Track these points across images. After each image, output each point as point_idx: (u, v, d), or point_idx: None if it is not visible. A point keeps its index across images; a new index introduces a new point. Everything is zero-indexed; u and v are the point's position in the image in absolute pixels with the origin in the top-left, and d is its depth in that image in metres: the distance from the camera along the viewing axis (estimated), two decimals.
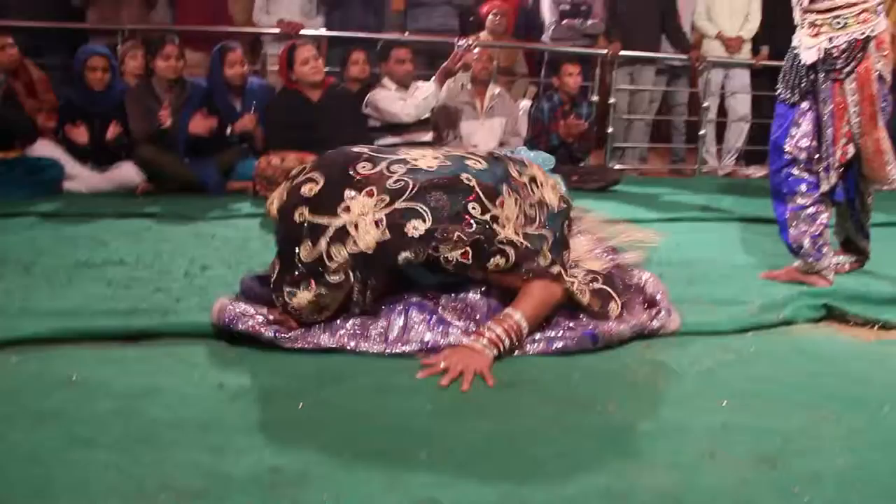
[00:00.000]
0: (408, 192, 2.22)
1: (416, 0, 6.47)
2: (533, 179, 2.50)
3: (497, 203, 2.28)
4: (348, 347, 2.27)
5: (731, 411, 2.02)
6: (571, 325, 2.42)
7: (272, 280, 2.31)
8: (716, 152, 7.34)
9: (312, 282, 2.20)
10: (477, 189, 2.27)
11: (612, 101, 6.75)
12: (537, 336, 2.35)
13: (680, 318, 2.63)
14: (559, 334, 2.37)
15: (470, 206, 2.24)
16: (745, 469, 1.72)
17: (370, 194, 2.20)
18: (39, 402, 1.94)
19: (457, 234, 2.21)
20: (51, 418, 1.85)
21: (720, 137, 7.41)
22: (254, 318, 2.31)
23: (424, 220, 2.20)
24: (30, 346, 2.29)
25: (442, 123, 5.61)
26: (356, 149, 2.40)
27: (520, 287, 2.34)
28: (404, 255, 2.21)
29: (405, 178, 2.24)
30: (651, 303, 2.70)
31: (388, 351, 2.26)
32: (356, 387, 2.06)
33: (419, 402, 1.98)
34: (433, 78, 5.23)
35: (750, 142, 7.31)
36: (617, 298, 2.52)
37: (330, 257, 2.17)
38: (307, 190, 2.24)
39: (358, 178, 2.24)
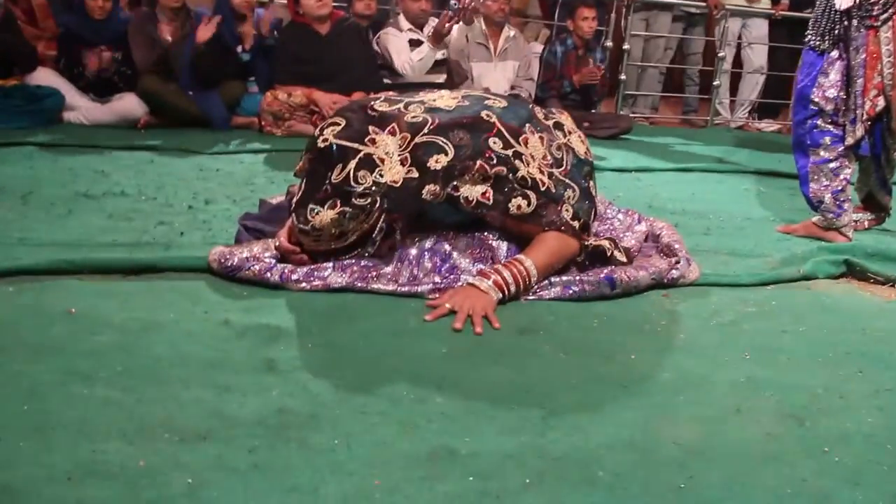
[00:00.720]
0: (427, 127, 2.19)
1: None
2: (559, 125, 2.46)
3: (520, 140, 2.25)
4: (357, 286, 2.19)
5: (755, 365, 1.95)
6: (587, 271, 2.35)
7: (294, 200, 2.26)
8: (729, 104, 7.19)
9: (338, 201, 2.15)
10: (498, 125, 2.24)
11: (626, 47, 6.59)
12: (553, 279, 2.27)
13: (699, 269, 2.55)
14: (575, 278, 2.29)
15: (491, 140, 2.21)
16: (772, 425, 1.66)
17: (392, 132, 2.19)
18: (38, 335, 1.87)
19: (479, 163, 2.17)
20: (49, 352, 1.78)
21: (734, 89, 7.25)
22: (258, 260, 2.23)
23: (446, 154, 2.17)
24: (27, 278, 2.20)
25: (454, 69, 5.48)
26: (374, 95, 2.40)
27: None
28: (428, 188, 2.18)
29: (424, 115, 2.23)
30: (667, 252, 2.64)
31: (399, 290, 2.18)
32: (368, 328, 1.99)
33: (433, 346, 1.90)
34: (426, 39, 5.08)
35: (764, 94, 7.17)
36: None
37: (357, 180, 2.14)
38: (332, 130, 2.22)
39: (376, 115, 2.23)
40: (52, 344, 1.83)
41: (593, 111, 6.05)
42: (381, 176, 2.14)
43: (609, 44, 6.53)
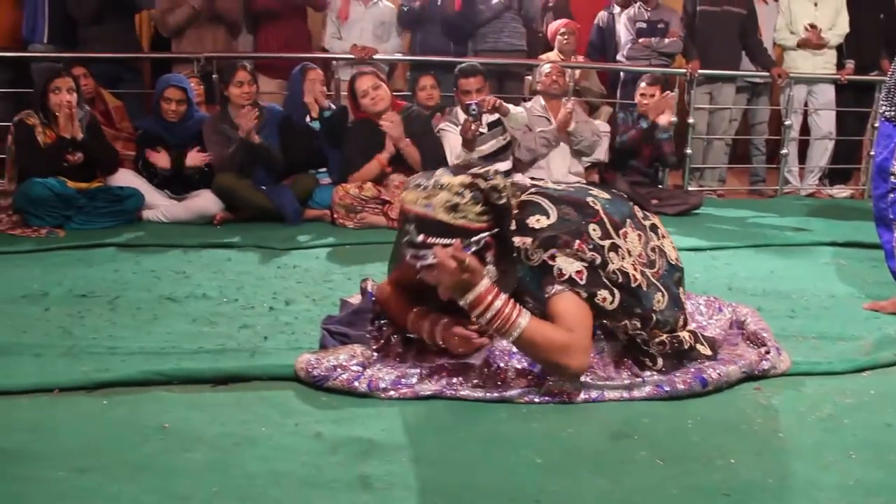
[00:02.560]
0: (533, 189, 2.26)
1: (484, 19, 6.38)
2: (654, 227, 2.45)
3: (620, 233, 2.25)
4: (446, 393, 2.17)
5: (863, 466, 1.87)
6: (677, 368, 2.31)
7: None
8: (798, 172, 7.09)
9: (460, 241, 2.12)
10: (602, 213, 2.24)
11: (690, 121, 6.57)
12: (646, 378, 2.23)
13: (790, 358, 2.48)
14: (666, 378, 2.24)
15: (591, 227, 2.20)
16: None
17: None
18: (134, 452, 1.89)
19: (578, 243, 2.16)
20: (146, 470, 1.81)
21: (801, 157, 7.16)
22: (345, 369, 2.24)
23: (548, 217, 2.19)
24: (119, 389, 2.25)
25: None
26: None
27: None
28: (524, 240, 2.17)
29: (531, 183, 2.30)
30: (755, 340, 2.58)
31: (487, 396, 2.16)
32: (460, 437, 1.97)
33: (527, 455, 1.87)
34: (461, 142, 5.14)
35: (834, 160, 7.06)
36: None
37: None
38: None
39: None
40: (147, 462, 1.85)
41: (660, 186, 6.02)
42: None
43: (673, 118, 6.52)
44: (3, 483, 1.75)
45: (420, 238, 2.12)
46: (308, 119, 5.18)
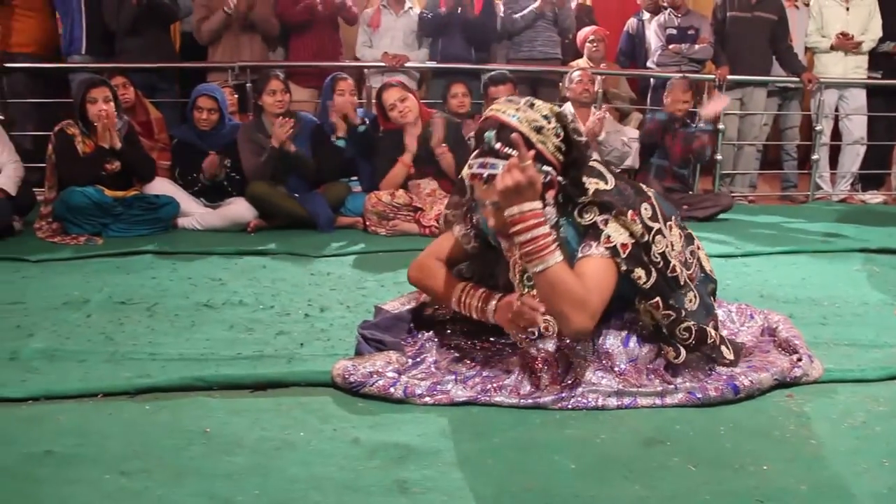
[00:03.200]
0: (595, 159, 2.26)
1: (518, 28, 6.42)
2: (691, 237, 2.47)
3: (667, 225, 2.26)
4: (481, 399, 2.21)
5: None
6: (709, 375, 2.33)
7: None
8: (829, 177, 7.06)
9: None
10: (654, 200, 2.26)
11: (721, 126, 6.56)
12: (678, 385, 2.25)
13: (822, 365, 2.49)
14: (698, 384, 2.26)
15: (644, 206, 2.21)
16: None
17: None
18: (177, 456, 1.94)
19: (631, 214, 2.17)
20: (190, 474, 1.85)
21: (833, 162, 7.13)
22: (381, 375, 2.28)
23: (606, 183, 2.20)
24: (161, 395, 2.30)
25: None
26: None
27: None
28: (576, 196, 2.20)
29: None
30: (786, 347, 2.59)
31: (521, 403, 2.19)
32: (495, 443, 2.00)
33: (561, 461, 1.90)
34: None
35: (865, 165, 7.02)
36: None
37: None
38: None
39: None
40: (190, 465, 1.89)
41: (691, 192, 6.02)
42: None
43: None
44: (53, 486, 1.80)
45: (497, 145, 2.15)
46: (334, 138, 5.23)
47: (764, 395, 2.32)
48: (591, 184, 2.19)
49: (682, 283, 2.27)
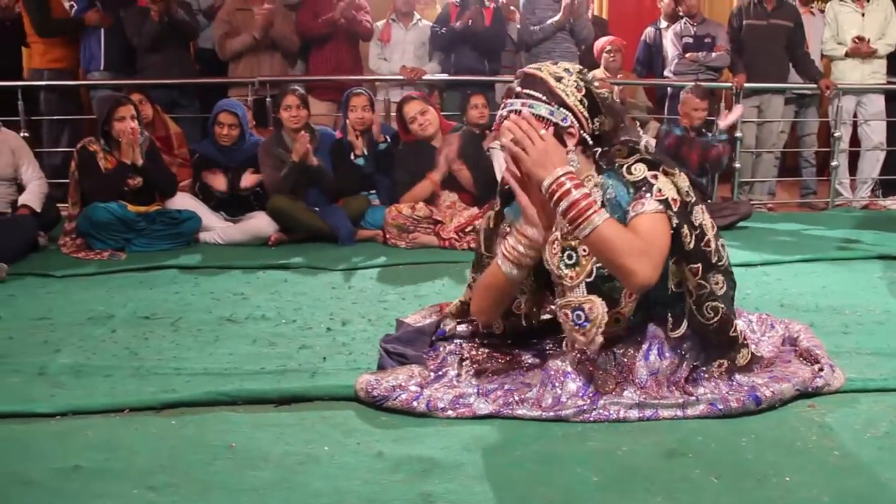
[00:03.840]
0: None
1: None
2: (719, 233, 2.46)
3: (699, 207, 2.28)
4: (503, 412, 2.22)
5: None
6: (730, 386, 2.33)
7: None
8: (849, 183, 7.03)
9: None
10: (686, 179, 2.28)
11: (738, 134, 6.55)
12: (699, 396, 2.26)
13: (844, 375, 2.49)
14: (719, 395, 2.27)
15: (682, 176, 2.25)
16: None
17: None
18: (203, 471, 1.96)
19: (678, 172, 2.22)
20: (216, 488, 1.88)
21: (852, 168, 7.09)
22: (403, 389, 2.30)
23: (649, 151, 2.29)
24: (187, 409, 2.33)
25: None
26: None
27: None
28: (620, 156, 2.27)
29: None
30: (808, 357, 2.59)
31: (543, 416, 2.20)
32: (518, 457, 2.01)
33: (583, 474, 1.91)
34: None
35: (886, 171, 6.98)
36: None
37: None
38: None
39: None
40: (217, 480, 1.92)
41: (710, 201, 6.01)
42: None
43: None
44: (82, 500, 1.83)
45: (518, 89, 2.25)
46: (353, 156, 5.26)
47: (785, 405, 2.32)
48: (635, 144, 2.27)
49: (713, 261, 2.28)
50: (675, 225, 2.18)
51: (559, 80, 2.22)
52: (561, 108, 2.20)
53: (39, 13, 6.10)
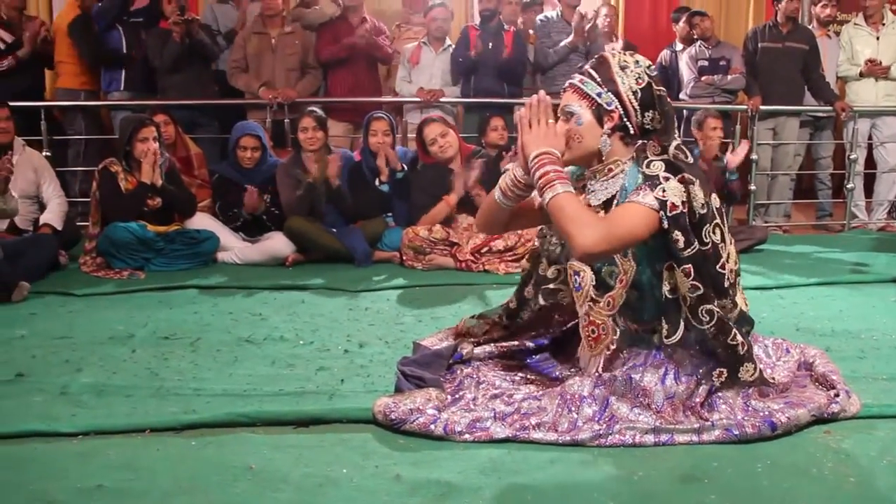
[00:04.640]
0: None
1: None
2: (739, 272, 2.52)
3: (717, 221, 2.32)
4: (519, 436, 2.24)
5: None
6: (746, 412, 2.34)
7: None
8: (865, 206, 7.02)
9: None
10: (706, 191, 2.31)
11: (753, 157, 6.56)
12: (715, 422, 2.27)
13: (860, 400, 2.49)
14: (735, 421, 2.28)
15: (696, 185, 2.26)
16: None
17: None
18: (224, 493, 1.99)
19: (697, 184, 2.25)
20: None
21: (868, 190, 7.09)
22: (421, 413, 2.32)
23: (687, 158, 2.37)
24: (206, 430, 2.36)
25: None
26: None
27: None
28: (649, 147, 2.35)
29: None
30: (823, 382, 2.60)
31: (560, 440, 2.22)
32: (534, 480, 2.03)
33: (600, 498, 1.93)
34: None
35: None
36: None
37: None
38: None
39: None
40: (237, 501, 1.95)
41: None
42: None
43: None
44: None
45: (586, 67, 2.45)
46: (377, 182, 5.29)
47: (801, 431, 2.33)
48: (672, 147, 2.33)
49: (726, 286, 2.32)
50: (665, 227, 2.23)
51: (623, 68, 2.37)
52: (609, 93, 2.35)
53: (92, 45, 6.23)
